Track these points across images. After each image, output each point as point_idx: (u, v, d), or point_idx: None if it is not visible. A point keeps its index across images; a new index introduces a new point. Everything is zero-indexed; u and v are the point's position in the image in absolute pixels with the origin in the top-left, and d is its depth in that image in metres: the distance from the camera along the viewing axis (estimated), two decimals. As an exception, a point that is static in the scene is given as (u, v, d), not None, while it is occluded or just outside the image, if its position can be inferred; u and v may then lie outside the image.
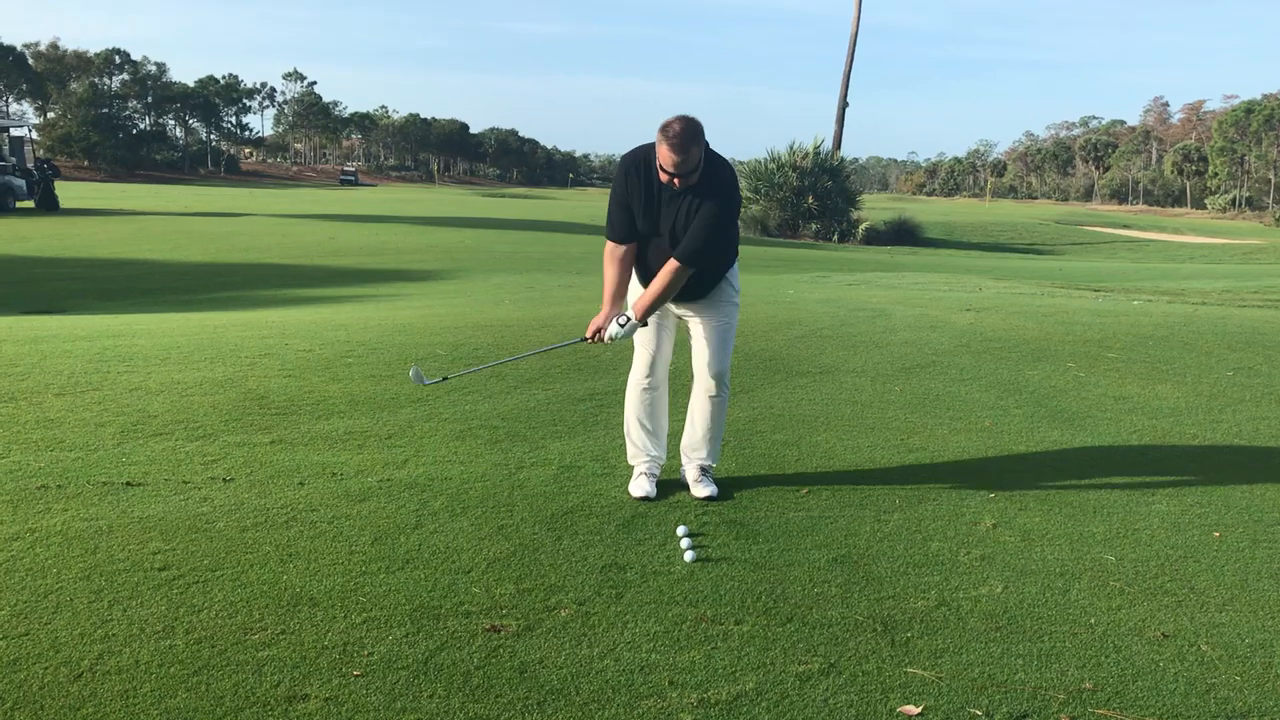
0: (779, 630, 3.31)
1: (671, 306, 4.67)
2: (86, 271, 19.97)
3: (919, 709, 2.85)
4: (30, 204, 38.54)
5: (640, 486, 4.59)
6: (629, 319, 4.53)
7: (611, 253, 4.56)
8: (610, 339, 4.56)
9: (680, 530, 4.01)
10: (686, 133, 4.19)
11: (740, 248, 4.81)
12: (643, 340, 4.71)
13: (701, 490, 4.61)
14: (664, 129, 4.21)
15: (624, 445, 4.86)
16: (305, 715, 2.72)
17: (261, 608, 3.33)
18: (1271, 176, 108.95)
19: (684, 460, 4.79)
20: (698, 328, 4.68)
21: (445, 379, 5.67)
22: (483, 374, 6.79)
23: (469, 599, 3.46)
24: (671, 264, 4.37)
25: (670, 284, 4.40)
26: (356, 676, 2.92)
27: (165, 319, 10.90)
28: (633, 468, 4.75)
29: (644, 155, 4.40)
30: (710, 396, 4.70)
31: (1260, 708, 2.93)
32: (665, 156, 4.21)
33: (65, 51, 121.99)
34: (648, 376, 4.72)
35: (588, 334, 4.60)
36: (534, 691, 2.88)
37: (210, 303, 14.66)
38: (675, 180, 4.27)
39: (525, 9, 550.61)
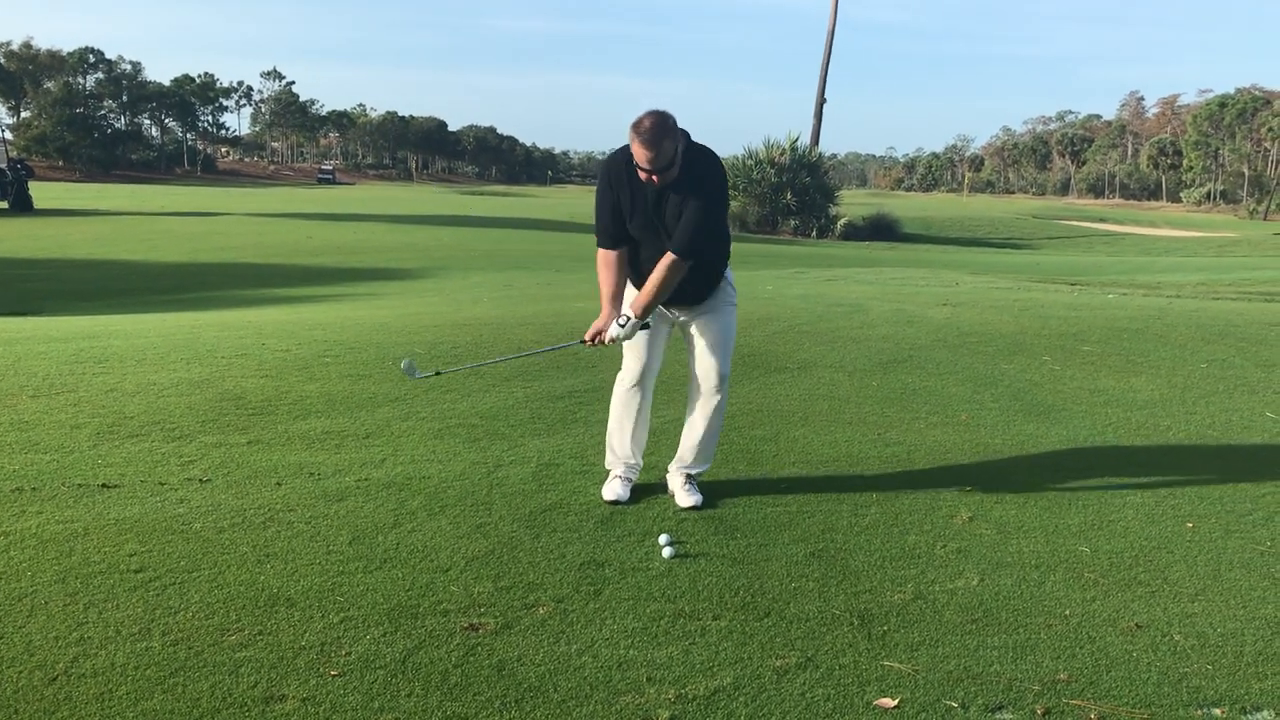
0: (756, 625, 3.33)
1: (671, 313, 4.58)
2: (61, 272, 19.82)
3: (895, 701, 2.88)
4: (4, 205, 38.26)
5: (613, 490, 4.53)
6: (629, 318, 4.39)
7: (604, 259, 4.45)
8: (612, 340, 4.44)
9: (663, 539, 3.99)
10: (657, 127, 4.12)
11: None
12: (634, 348, 4.59)
13: (687, 499, 4.51)
14: (635, 126, 4.15)
15: (602, 443, 4.83)
16: (283, 716, 2.71)
17: (238, 608, 3.32)
18: (1245, 170, 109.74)
19: (672, 466, 4.70)
20: (698, 331, 4.58)
21: (438, 373, 5.60)
22: (462, 372, 6.78)
23: (447, 597, 3.46)
24: (667, 258, 4.27)
25: (666, 279, 4.29)
26: (334, 676, 2.92)
27: (141, 320, 10.83)
28: (609, 471, 4.70)
29: (624, 157, 4.32)
30: (712, 403, 4.61)
31: (1232, 696, 2.97)
32: (639, 154, 4.15)
33: (38, 51, 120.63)
34: (636, 385, 4.62)
35: (586, 338, 4.48)
36: (512, 689, 2.88)
37: (186, 303, 14.57)
38: (654, 178, 4.21)
39: (504, 6, 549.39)
